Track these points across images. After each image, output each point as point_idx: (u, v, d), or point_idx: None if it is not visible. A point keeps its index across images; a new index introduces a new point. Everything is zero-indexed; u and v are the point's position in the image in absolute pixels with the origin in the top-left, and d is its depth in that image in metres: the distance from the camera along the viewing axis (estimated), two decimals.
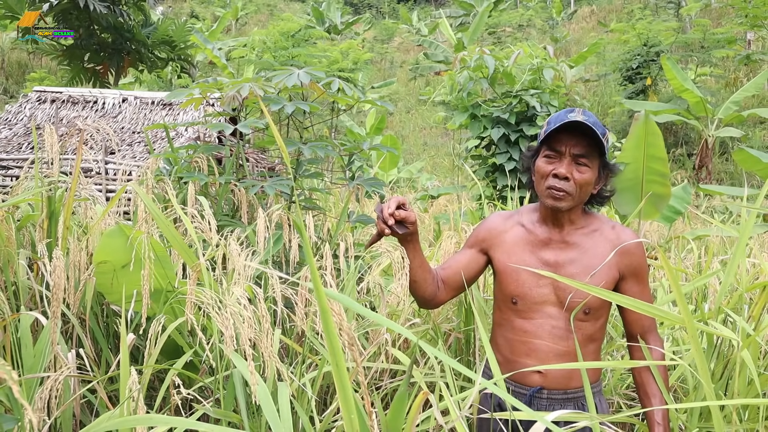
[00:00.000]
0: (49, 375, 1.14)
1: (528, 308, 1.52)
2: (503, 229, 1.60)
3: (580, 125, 1.42)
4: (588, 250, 1.50)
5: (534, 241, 1.55)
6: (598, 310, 1.49)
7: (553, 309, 1.50)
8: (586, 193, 1.48)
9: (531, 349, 1.51)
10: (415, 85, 23.36)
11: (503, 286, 1.56)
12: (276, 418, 1.08)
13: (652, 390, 1.46)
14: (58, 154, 1.83)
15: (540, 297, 1.51)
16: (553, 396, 1.51)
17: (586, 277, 1.46)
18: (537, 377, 1.51)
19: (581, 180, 1.45)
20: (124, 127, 7.72)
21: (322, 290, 0.65)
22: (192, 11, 26.91)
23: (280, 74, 2.82)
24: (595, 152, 1.45)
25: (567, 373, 1.50)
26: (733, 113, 11.46)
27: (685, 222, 7.18)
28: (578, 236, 1.52)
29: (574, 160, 1.45)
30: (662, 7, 23.56)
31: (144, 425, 0.90)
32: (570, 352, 1.49)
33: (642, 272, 1.50)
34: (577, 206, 1.51)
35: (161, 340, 1.47)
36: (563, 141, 1.45)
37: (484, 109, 5.41)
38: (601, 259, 1.47)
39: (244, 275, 1.55)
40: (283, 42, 14.29)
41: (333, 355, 0.65)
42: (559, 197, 1.45)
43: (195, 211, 1.80)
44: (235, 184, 2.91)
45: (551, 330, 1.49)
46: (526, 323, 1.52)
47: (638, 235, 1.52)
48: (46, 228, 1.83)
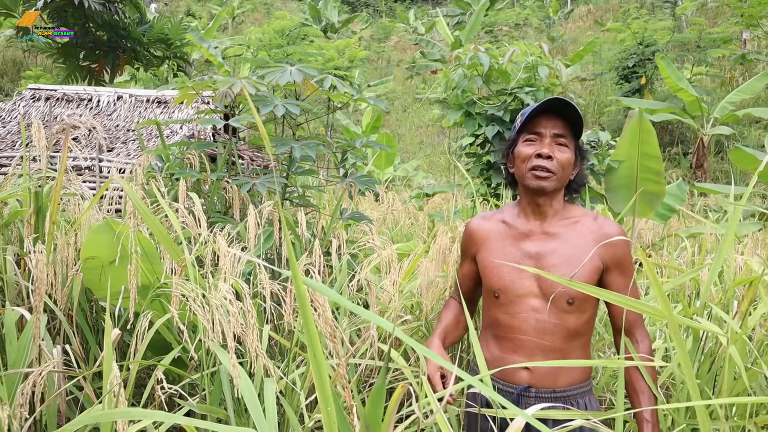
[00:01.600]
0: (32, 370, 1.13)
1: (511, 301, 1.51)
2: (484, 228, 1.62)
3: (559, 103, 1.46)
4: (569, 240, 1.50)
5: (515, 234, 1.55)
6: (583, 301, 1.48)
7: (536, 301, 1.49)
8: (567, 174, 1.51)
9: (517, 345, 1.50)
10: (411, 84, 23.34)
11: (487, 282, 1.57)
12: (259, 410, 1.08)
13: (640, 386, 1.46)
14: (46, 150, 1.82)
15: (522, 289, 1.50)
16: (541, 395, 1.49)
17: (567, 267, 1.46)
18: (525, 374, 1.50)
19: (563, 159, 1.48)
20: (119, 124, 7.69)
21: (299, 276, 0.64)
22: (188, 9, 26.85)
23: (274, 72, 2.81)
24: (572, 133, 1.50)
25: (555, 369, 1.48)
26: (729, 113, 11.48)
27: (680, 220, 7.18)
28: (559, 227, 1.52)
29: (554, 140, 1.49)
30: (659, 7, 23.59)
31: (124, 419, 0.89)
32: (556, 347, 1.48)
33: (626, 263, 1.50)
34: (559, 191, 1.53)
35: (148, 335, 1.46)
36: (542, 123, 1.49)
37: (478, 107, 5.40)
38: (583, 249, 1.47)
39: (231, 271, 1.55)
40: (278, 40, 14.26)
41: (311, 345, 0.65)
42: (544, 176, 1.48)
43: (183, 208, 1.79)
44: (227, 181, 2.90)
45: (536, 324, 1.48)
46: (511, 318, 1.51)
47: (622, 226, 1.52)
48: (34, 224, 1.82)
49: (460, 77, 5.47)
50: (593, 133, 5.53)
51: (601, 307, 2.49)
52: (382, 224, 5.45)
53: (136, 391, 1.82)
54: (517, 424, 0.85)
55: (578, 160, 1.55)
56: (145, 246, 1.65)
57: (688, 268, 3.67)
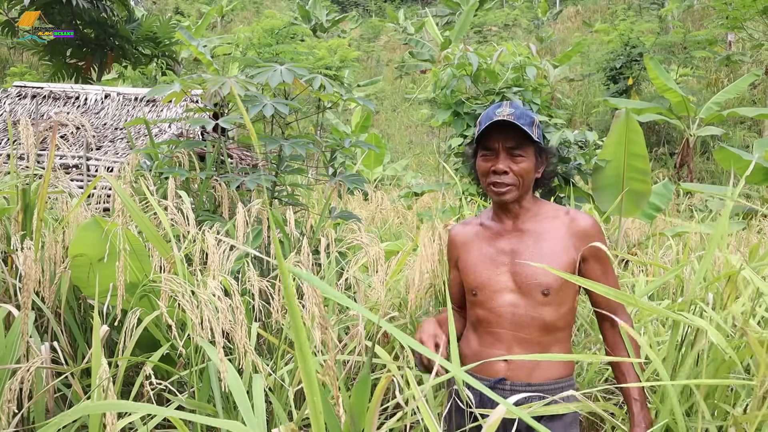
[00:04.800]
0: (19, 366, 1.14)
1: (488, 298, 1.54)
2: (463, 234, 1.67)
3: (504, 123, 1.47)
4: (543, 234, 1.53)
5: (490, 235, 1.60)
6: (558, 292, 1.50)
7: (512, 296, 1.52)
8: (529, 180, 1.54)
9: (496, 338, 1.53)
10: (401, 84, 23.36)
11: (466, 282, 1.61)
12: (247, 405, 1.09)
13: (625, 366, 1.49)
14: (33, 147, 1.81)
15: (498, 285, 1.53)
16: (516, 387, 1.50)
17: (542, 261, 1.49)
18: (501, 367, 1.52)
19: (519, 170, 1.51)
20: (107, 123, 7.64)
21: (286, 271, 0.66)
22: (176, 8, 26.66)
23: (264, 72, 2.81)
24: (527, 141, 1.51)
25: (531, 363, 1.50)
26: (714, 113, 11.62)
27: (666, 219, 7.26)
28: (532, 223, 1.56)
29: (508, 153, 1.51)
30: (646, 8, 23.80)
31: (114, 411, 0.90)
32: (534, 340, 1.50)
33: (602, 253, 1.52)
34: (524, 195, 1.56)
35: (137, 332, 1.46)
36: (494, 137, 1.51)
37: (467, 107, 5.43)
38: (558, 243, 1.50)
39: (220, 268, 1.56)
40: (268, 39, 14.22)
41: (297, 337, 0.66)
42: (503, 191, 1.52)
43: (172, 205, 1.79)
44: (216, 179, 2.91)
45: (512, 318, 1.51)
46: (489, 314, 1.54)
47: (594, 217, 1.55)
48: (21, 221, 1.82)
49: (449, 77, 5.49)
50: (580, 132, 5.58)
51: (587, 306, 2.53)
52: (371, 223, 5.47)
53: (124, 389, 1.83)
54: (497, 413, 0.87)
55: (541, 161, 1.57)
56: (133, 243, 1.65)
57: (673, 266, 3.72)
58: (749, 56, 17.17)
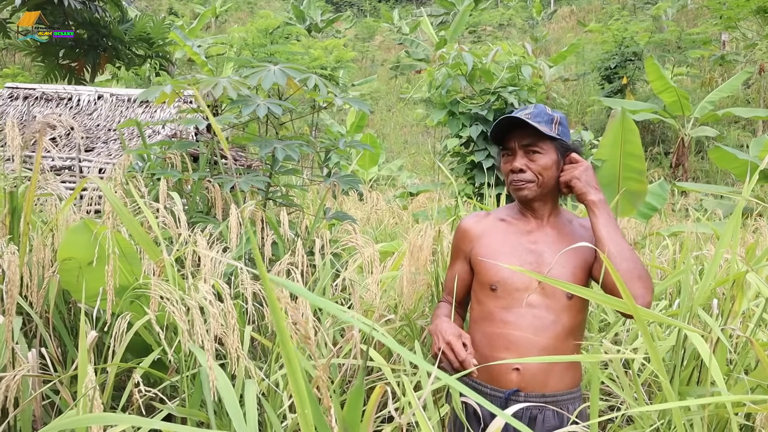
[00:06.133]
0: (4, 375, 1.10)
1: (508, 294, 1.49)
2: (479, 226, 1.63)
3: (515, 121, 1.49)
4: (567, 235, 1.54)
5: (516, 231, 1.58)
6: (580, 297, 1.47)
7: (535, 296, 1.47)
8: (549, 177, 1.52)
9: (510, 342, 1.46)
10: (396, 84, 23.34)
11: (482, 275, 1.55)
12: (239, 412, 1.06)
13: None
14: (19, 149, 1.78)
15: (521, 283, 1.48)
16: (531, 399, 1.44)
17: (565, 264, 1.48)
18: (514, 376, 1.45)
19: (537, 167, 1.51)
20: (100, 124, 7.59)
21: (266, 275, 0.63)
22: (170, 8, 26.56)
23: (257, 72, 2.78)
24: (544, 138, 1.51)
25: (545, 371, 1.44)
26: (709, 112, 11.64)
27: (662, 219, 7.26)
28: (558, 225, 1.57)
29: (524, 151, 1.52)
30: (640, 8, 23.85)
31: (98, 424, 0.87)
32: (550, 346, 1.44)
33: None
34: (546, 194, 1.55)
35: (127, 337, 1.43)
36: (511, 138, 1.53)
37: (462, 106, 5.41)
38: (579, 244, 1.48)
39: (212, 271, 1.53)
40: (262, 39, 14.18)
41: (284, 348, 0.63)
42: (521, 187, 1.53)
43: (162, 207, 1.76)
44: (209, 180, 2.87)
45: (532, 320, 1.45)
46: (507, 313, 1.48)
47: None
48: (8, 224, 1.78)
49: (444, 77, 5.48)
50: (576, 132, 5.57)
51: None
52: (366, 224, 5.44)
53: (115, 394, 1.79)
54: (496, 425, 0.84)
55: (562, 156, 1.55)
56: (123, 246, 1.62)
57: (669, 266, 3.71)
58: (743, 56, 17.23)
